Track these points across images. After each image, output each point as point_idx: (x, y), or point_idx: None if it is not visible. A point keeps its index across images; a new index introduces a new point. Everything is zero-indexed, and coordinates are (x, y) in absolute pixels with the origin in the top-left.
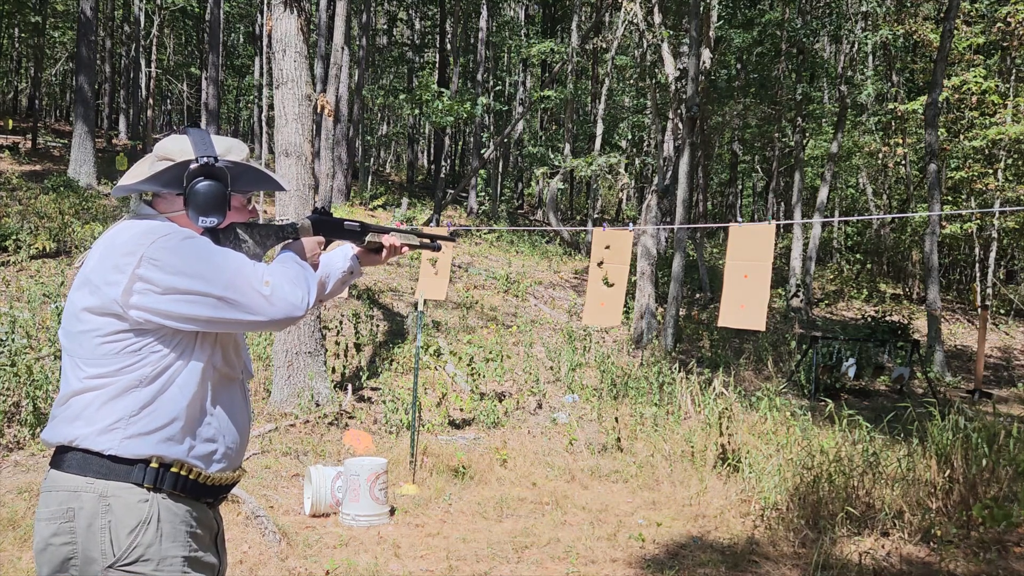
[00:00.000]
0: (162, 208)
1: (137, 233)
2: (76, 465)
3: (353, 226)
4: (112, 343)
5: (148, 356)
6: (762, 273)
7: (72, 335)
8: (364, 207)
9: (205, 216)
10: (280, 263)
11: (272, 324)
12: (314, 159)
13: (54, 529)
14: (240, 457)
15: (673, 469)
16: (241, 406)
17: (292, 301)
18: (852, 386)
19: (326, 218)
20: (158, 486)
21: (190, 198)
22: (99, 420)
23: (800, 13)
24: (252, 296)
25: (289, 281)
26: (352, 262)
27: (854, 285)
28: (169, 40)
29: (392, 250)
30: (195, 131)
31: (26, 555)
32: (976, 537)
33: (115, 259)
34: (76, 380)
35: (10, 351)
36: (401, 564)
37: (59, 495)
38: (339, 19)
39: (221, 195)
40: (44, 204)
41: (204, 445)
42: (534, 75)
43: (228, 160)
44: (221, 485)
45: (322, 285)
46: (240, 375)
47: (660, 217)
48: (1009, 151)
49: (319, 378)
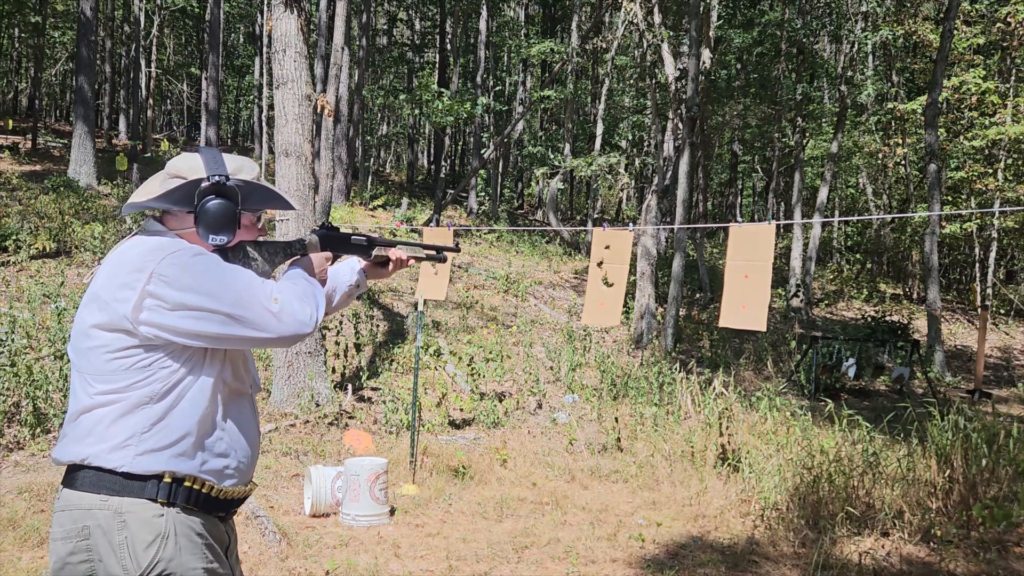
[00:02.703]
0: (172, 225)
1: (147, 250)
2: (89, 483)
3: (360, 240)
4: (122, 359)
5: (158, 372)
6: (763, 273)
7: (81, 351)
8: (364, 207)
9: (216, 234)
10: (288, 280)
11: (281, 341)
12: (314, 159)
13: (70, 548)
14: (251, 471)
15: (673, 469)
16: (251, 420)
17: (300, 318)
18: (852, 386)
19: (333, 233)
20: (172, 500)
21: (201, 216)
22: (110, 438)
23: (800, 13)
24: (261, 313)
25: (298, 298)
26: (359, 276)
27: (854, 285)
28: (169, 40)
29: (399, 263)
30: (207, 150)
31: (26, 555)
32: (976, 537)
33: (125, 276)
34: (86, 396)
35: (10, 351)
36: (401, 564)
37: (73, 514)
38: (339, 19)
39: (232, 213)
40: (44, 204)
41: (216, 460)
42: (534, 75)
43: (239, 179)
44: (233, 499)
45: (329, 299)
46: (249, 389)
47: (660, 217)
48: (1009, 151)
49: (319, 378)
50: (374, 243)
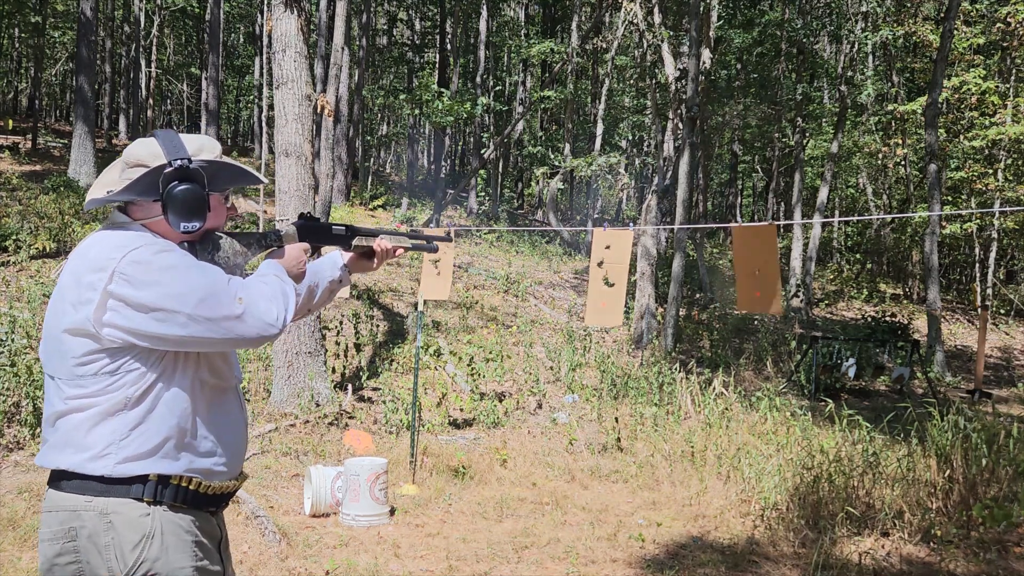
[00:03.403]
0: (138, 215)
1: (109, 247)
2: (74, 486)
3: (340, 230)
4: (87, 364)
5: (125, 376)
6: (772, 268)
7: (50, 354)
8: (364, 207)
9: (187, 221)
10: (258, 277)
11: (244, 343)
12: (314, 159)
13: (57, 550)
14: (239, 464)
15: (673, 469)
16: (236, 413)
17: (266, 320)
18: (852, 386)
19: (311, 223)
20: (158, 499)
21: (169, 204)
22: (89, 447)
23: (800, 13)
24: (223, 314)
25: (264, 298)
26: (341, 271)
27: (854, 285)
28: (169, 40)
29: (384, 254)
30: (163, 133)
31: (26, 555)
32: (976, 537)
33: (87, 275)
34: (59, 401)
35: (10, 351)
36: (401, 564)
37: (59, 515)
38: (339, 19)
39: (200, 197)
40: (44, 204)
41: (202, 459)
42: (534, 75)
43: (202, 160)
44: (222, 494)
45: (311, 293)
46: (232, 382)
47: (660, 217)
48: (1009, 151)
49: (319, 378)
50: (355, 232)
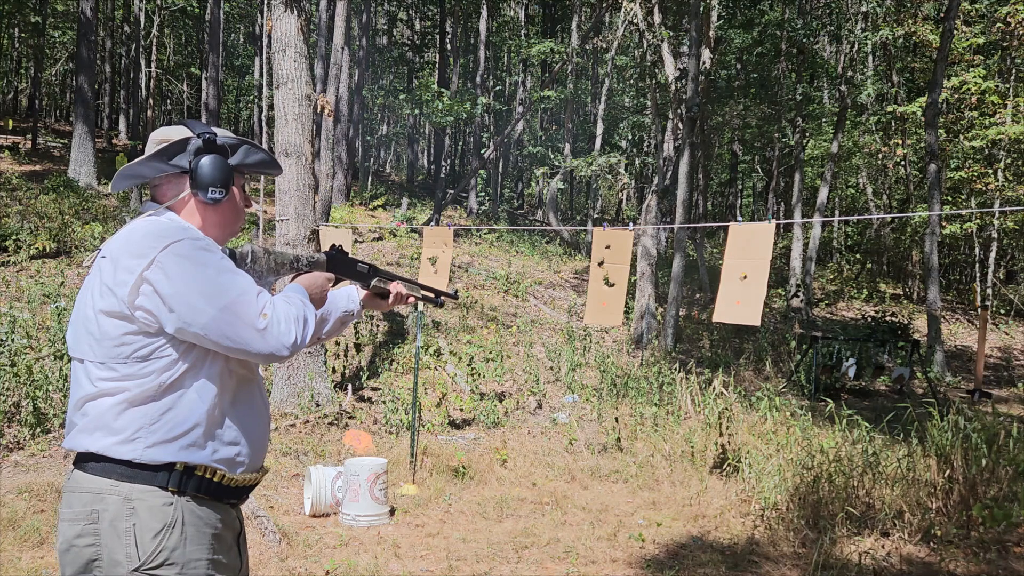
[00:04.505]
0: (167, 196)
1: (152, 235)
2: (100, 468)
3: (363, 268)
4: (121, 347)
5: (157, 362)
6: (760, 272)
7: (80, 337)
8: (364, 207)
9: (213, 187)
10: (284, 298)
11: (254, 357)
12: (314, 159)
13: (78, 530)
14: (261, 457)
15: (673, 469)
16: (261, 406)
17: (283, 341)
18: (852, 386)
19: (341, 256)
20: (182, 489)
21: (196, 173)
22: (119, 431)
23: (800, 13)
24: (246, 323)
25: (287, 319)
26: (355, 305)
27: (854, 285)
28: (169, 40)
29: (398, 298)
30: (190, 120)
31: (26, 555)
32: (976, 537)
33: (127, 260)
34: (88, 384)
35: (10, 351)
36: (401, 564)
37: (83, 496)
38: (339, 19)
39: (226, 167)
40: (44, 204)
41: (227, 449)
42: (534, 75)
43: (228, 136)
44: (244, 486)
45: (323, 321)
46: (257, 376)
47: (660, 217)
48: (1009, 151)
49: (319, 378)
50: (376, 273)
